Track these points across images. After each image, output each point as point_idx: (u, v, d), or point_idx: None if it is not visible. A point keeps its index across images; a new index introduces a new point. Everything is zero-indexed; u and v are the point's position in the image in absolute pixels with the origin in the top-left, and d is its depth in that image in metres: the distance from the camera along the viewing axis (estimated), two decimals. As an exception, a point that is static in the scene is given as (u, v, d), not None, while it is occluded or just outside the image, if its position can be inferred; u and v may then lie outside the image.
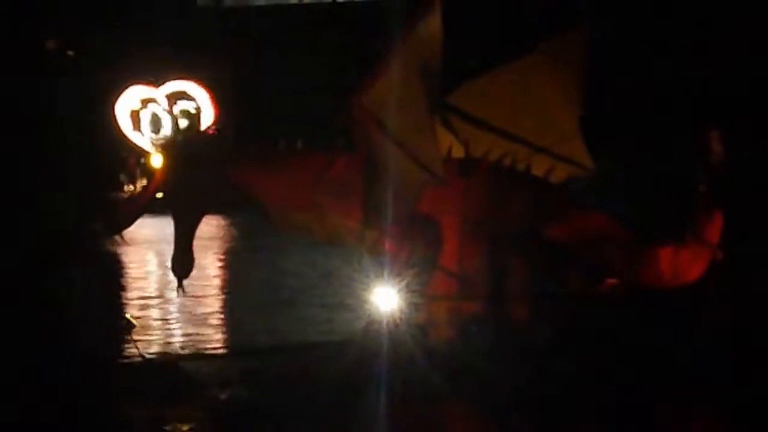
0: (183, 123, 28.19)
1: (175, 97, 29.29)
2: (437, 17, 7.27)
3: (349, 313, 8.70)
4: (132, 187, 26.94)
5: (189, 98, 29.27)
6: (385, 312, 7.60)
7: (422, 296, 7.64)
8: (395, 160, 7.32)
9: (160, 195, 8.44)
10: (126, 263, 15.01)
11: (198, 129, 8.06)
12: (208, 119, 28.93)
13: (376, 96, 7.29)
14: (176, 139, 8.83)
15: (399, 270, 7.62)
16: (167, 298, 11.39)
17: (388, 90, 7.24)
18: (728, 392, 6.95)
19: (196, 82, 28.95)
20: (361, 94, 7.32)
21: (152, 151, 26.37)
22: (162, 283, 12.54)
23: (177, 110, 29.14)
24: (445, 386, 7.06)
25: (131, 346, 8.43)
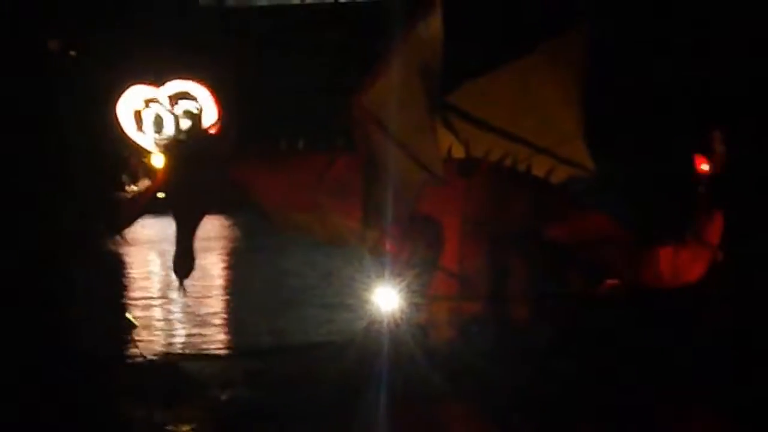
0: (185, 123, 28.13)
1: (178, 97, 29.27)
2: (438, 18, 7.24)
3: (350, 314, 8.68)
4: (134, 187, 26.89)
5: (191, 98, 29.23)
6: (386, 312, 7.59)
7: (423, 296, 7.63)
8: (395, 161, 7.30)
9: (162, 195, 8.42)
10: (128, 263, 14.99)
11: (200, 129, 8.02)
12: (211, 119, 28.90)
13: (377, 96, 7.26)
14: (178, 139, 8.78)
15: (400, 270, 7.60)
16: (169, 299, 11.37)
17: (389, 90, 7.22)
18: (729, 393, 6.93)
19: (199, 82, 28.92)
20: (362, 94, 7.30)
21: (155, 151, 26.34)
22: (163, 284, 12.52)
23: (179, 110, 29.12)
24: (446, 386, 7.04)
25: (132, 347, 8.40)
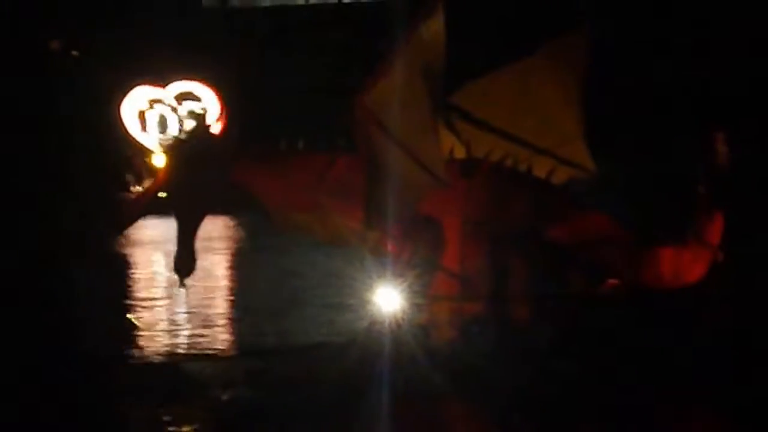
0: (189, 123, 28.11)
1: (182, 98, 29.26)
2: (440, 19, 7.18)
3: (352, 314, 8.62)
4: (139, 188, 26.91)
5: (195, 99, 29.23)
6: (387, 312, 7.55)
7: (424, 297, 7.58)
8: (397, 162, 7.24)
9: (164, 195, 8.38)
10: (131, 263, 14.97)
11: (203, 129, 7.98)
12: (216, 119, 28.86)
13: (379, 97, 7.20)
14: (179, 139, 8.75)
15: (401, 270, 7.56)
16: (170, 299, 11.31)
17: (391, 91, 7.15)
18: (729, 393, 6.88)
19: (203, 83, 28.90)
20: (364, 95, 7.24)
21: (158, 152, 26.33)
22: (165, 284, 12.46)
23: (183, 111, 29.11)
24: (447, 386, 7.00)
25: (133, 347, 8.36)
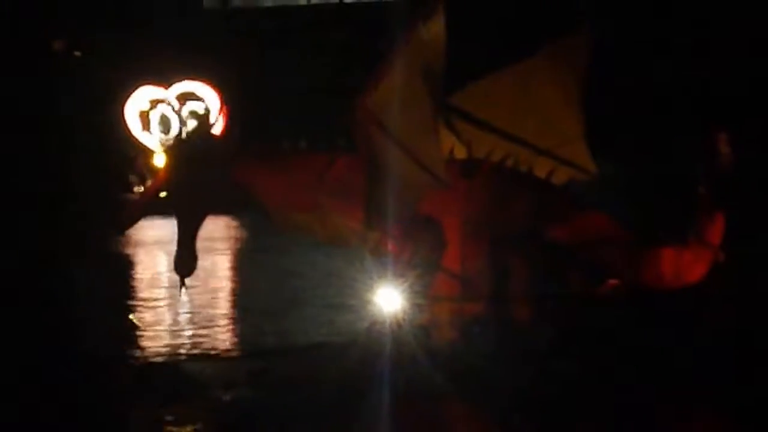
0: (192, 124, 28.07)
1: (184, 98, 29.24)
2: (440, 19, 7.14)
3: (352, 314, 8.59)
4: (141, 188, 26.91)
5: (198, 99, 29.22)
6: (388, 313, 7.51)
7: (425, 297, 7.55)
8: (397, 162, 7.21)
9: (164, 195, 8.35)
10: (132, 263, 14.94)
11: (205, 129, 7.96)
12: (218, 119, 28.82)
13: (379, 98, 7.16)
14: (180, 139, 8.73)
15: (401, 271, 7.53)
16: (171, 299, 11.27)
17: (391, 91, 7.11)
18: (730, 393, 6.84)
19: (205, 83, 28.87)
20: (364, 96, 7.20)
21: (160, 152, 26.32)
22: (166, 284, 12.43)
23: (186, 111, 29.08)
24: (448, 387, 6.97)
25: (134, 347, 8.34)
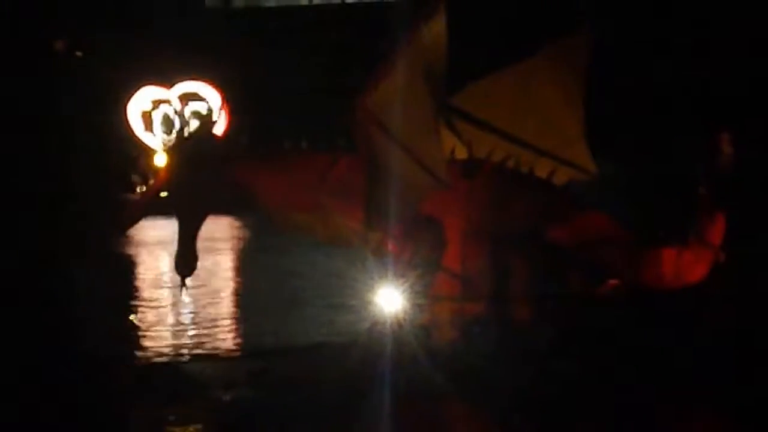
0: (194, 124, 28.01)
1: (187, 98, 29.19)
2: (442, 20, 7.11)
3: (353, 314, 8.56)
4: (144, 188, 26.86)
5: (200, 99, 29.17)
6: (389, 313, 7.50)
7: (425, 297, 7.53)
8: (398, 163, 7.18)
9: (165, 194, 8.32)
10: (132, 263, 14.92)
11: (206, 129, 7.94)
12: (220, 120, 28.80)
13: (380, 98, 7.14)
14: (181, 139, 8.70)
15: (402, 271, 7.51)
16: (171, 299, 11.25)
17: (392, 92, 7.09)
18: (730, 393, 6.81)
19: (207, 83, 28.83)
20: (365, 97, 7.17)
21: (162, 152, 26.28)
22: (166, 284, 12.40)
23: (188, 111, 29.04)
24: (448, 387, 6.95)
25: (134, 347, 8.32)
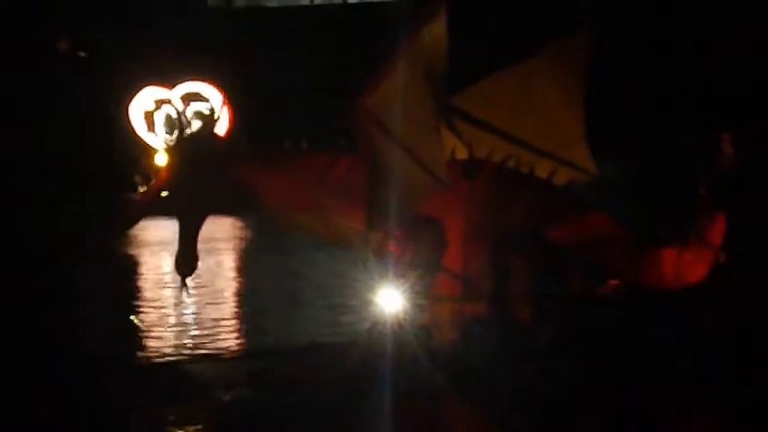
0: (196, 124, 27.97)
1: (189, 98, 29.13)
2: (442, 21, 7.07)
3: (354, 315, 8.54)
4: (145, 188, 26.78)
5: (203, 99, 29.09)
6: (389, 313, 7.46)
7: (426, 297, 7.49)
8: (399, 163, 7.15)
9: (166, 194, 8.29)
10: (133, 263, 14.91)
11: (208, 129, 7.91)
12: (223, 120, 28.76)
13: (381, 99, 7.10)
14: (181, 138, 8.68)
15: (403, 271, 7.47)
16: (171, 299, 11.22)
17: (393, 93, 7.05)
18: (730, 393, 6.78)
19: (210, 83, 28.77)
20: (366, 97, 7.14)
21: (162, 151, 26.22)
22: (167, 284, 12.38)
23: (191, 111, 28.97)
24: (449, 387, 6.92)
25: (134, 347, 8.29)
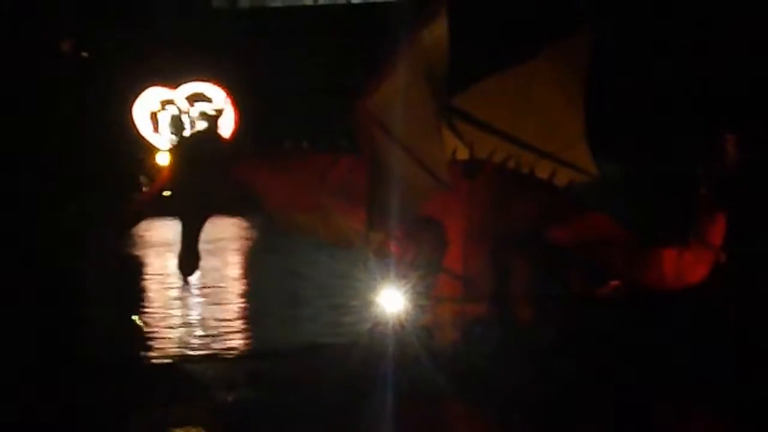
0: (201, 125, 27.97)
1: (194, 99, 29.15)
2: (443, 22, 7.02)
3: (355, 315, 8.48)
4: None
5: (207, 100, 29.13)
6: (391, 314, 7.42)
7: (427, 298, 7.45)
8: (400, 164, 7.11)
9: (168, 193, 8.25)
10: (134, 264, 14.90)
11: (214, 129, 7.87)
12: (228, 120, 28.81)
13: (382, 100, 7.06)
14: (183, 138, 8.64)
15: (404, 272, 7.43)
16: (173, 299, 11.18)
17: (394, 93, 7.01)
18: (731, 393, 6.73)
19: (214, 84, 28.77)
20: (366, 98, 7.09)
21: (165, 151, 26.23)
22: (168, 284, 12.35)
23: (195, 112, 29.00)
24: (450, 387, 6.88)
25: (135, 347, 8.26)
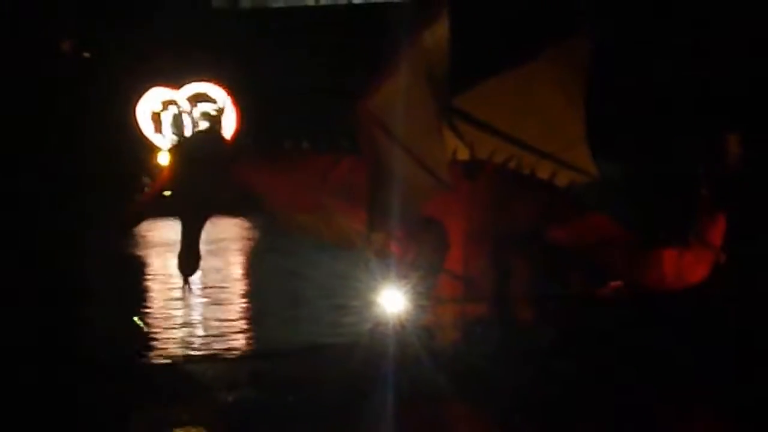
0: (203, 125, 27.97)
1: (196, 99, 29.15)
2: (444, 23, 7.00)
3: (356, 315, 8.47)
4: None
5: (209, 100, 29.13)
6: (392, 314, 7.39)
7: (428, 298, 7.43)
8: (401, 164, 7.09)
9: (168, 193, 8.22)
10: (135, 264, 14.89)
11: (215, 130, 7.86)
12: (230, 120, 28.81)
13: (382, 100, 7.04)
14: (185, 138, 8.62)
15: (405, 272, 7.41)
16: (174, 299, 11.17)
17: (395, 94, 6.99)
18: (731, 393, 6.71)
19: (216, 84, 28.76)
20: (367, 99, 7.07)
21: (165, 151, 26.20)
22: (170, 284, 12.33)
23: (197, 112, 29.00)
24: (451, 387, 6.85)
25: (136, 347, 8.24)
